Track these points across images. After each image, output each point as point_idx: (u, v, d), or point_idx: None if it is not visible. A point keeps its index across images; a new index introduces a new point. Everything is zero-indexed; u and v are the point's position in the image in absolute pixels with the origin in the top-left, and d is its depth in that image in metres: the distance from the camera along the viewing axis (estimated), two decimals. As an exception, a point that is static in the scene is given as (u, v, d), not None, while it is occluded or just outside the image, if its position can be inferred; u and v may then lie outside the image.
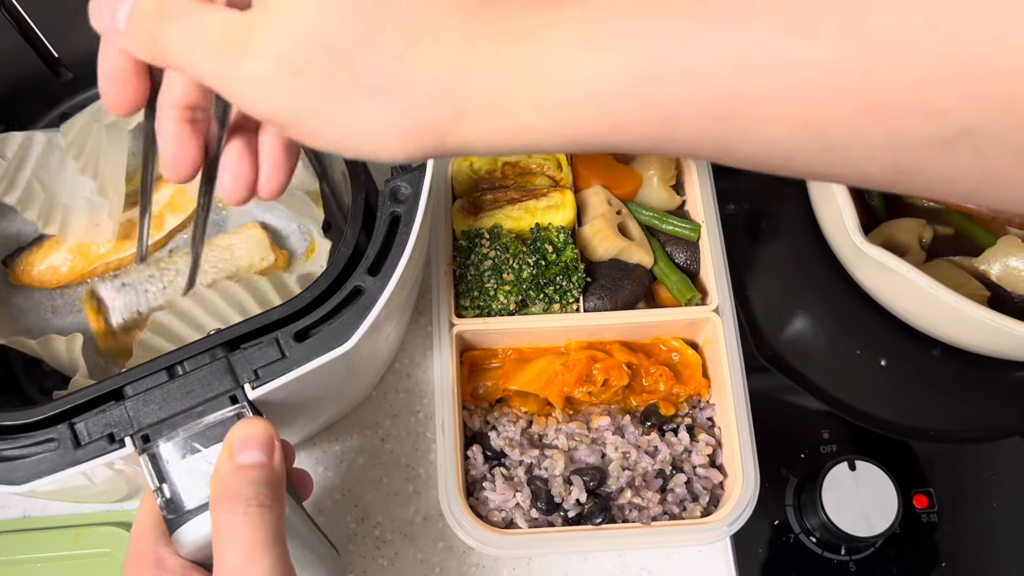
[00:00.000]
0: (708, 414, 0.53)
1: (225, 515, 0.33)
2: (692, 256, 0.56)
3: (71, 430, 0.37)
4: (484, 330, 0.52)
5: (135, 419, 0.37)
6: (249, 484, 0.34)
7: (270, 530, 0.33)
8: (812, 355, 0.59)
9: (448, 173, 0.56)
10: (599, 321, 0.52)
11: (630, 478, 0.50)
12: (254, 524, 0.33)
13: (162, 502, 0.36)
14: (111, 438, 0.37)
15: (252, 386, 0.38)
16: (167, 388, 0.37)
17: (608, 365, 0.52)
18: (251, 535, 0.33)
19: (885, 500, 0.49)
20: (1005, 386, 0.59)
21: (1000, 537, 0.54)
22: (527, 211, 0.54)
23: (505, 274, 0.51)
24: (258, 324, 0.39)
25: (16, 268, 0.54)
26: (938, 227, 0.58)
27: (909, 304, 0.55)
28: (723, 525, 0.47)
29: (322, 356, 0.38)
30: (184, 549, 0.36)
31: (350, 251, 0.41)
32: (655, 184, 0.57)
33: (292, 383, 0.39)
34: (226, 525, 0.33)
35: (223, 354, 0.38)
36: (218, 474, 0.35)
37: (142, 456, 0.36)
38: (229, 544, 0.33)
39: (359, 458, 0.56)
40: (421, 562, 0.53)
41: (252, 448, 0.35)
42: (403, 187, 0.42)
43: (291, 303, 0.40)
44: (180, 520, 0.36)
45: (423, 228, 0.43)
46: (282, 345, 0.38)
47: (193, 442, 0.37)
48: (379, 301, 0.39)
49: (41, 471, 0.36)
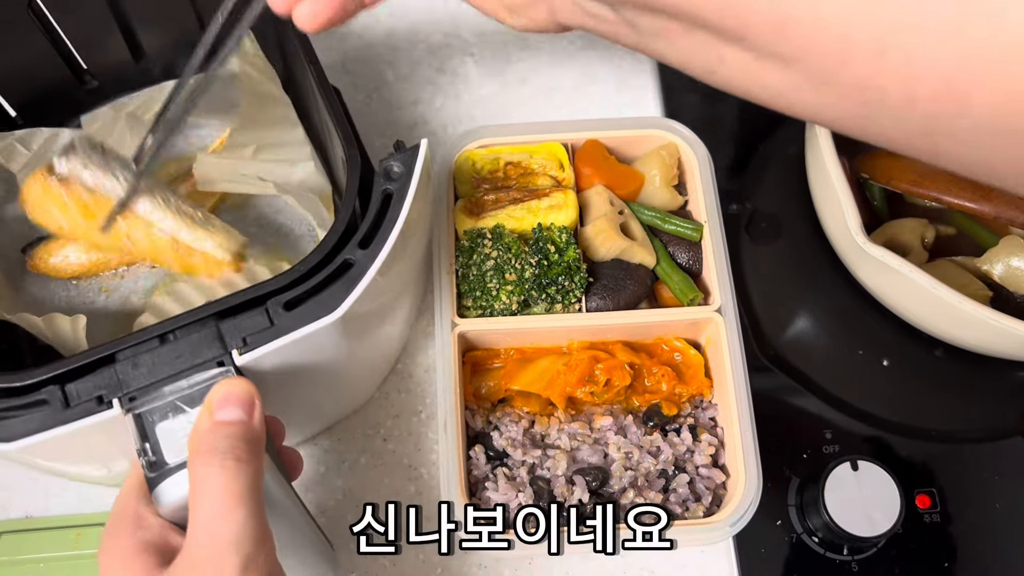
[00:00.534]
0: (710, 414, 0.53)
1: (201, 468, 0.34)
2: (694, 256, 0.56)
3: (62, 392, 0.38)
4: (486, 330, 0.52)
5: (124, 382, 0.38)
6: (226, 438, 0.34)
7: (245, 484, 0.34)
8: (814, 355, 0.59)
9: (450, 173, 0.56)
10: (601, 321, 0.52)
11: (633, 478, 0.50)
12: (229, 476, 0.33)
13: (144, 462, 0.36)
14: (100, 400, 0.37)
15: (240, 352, 0.39)
16: (157, 353, 0.38)
17: (610, 365, 0.52)
18: (226, 487, 0.33)
19: (888, 500, 0.49)
20: (1008, 386, 0.59)
21: (1003, 537, 0.54)
22: (529, 211, 0.54)
23: (507, 274, 0.51)
24: (250, 295, 0.40)
25: (34, 257, 0.56)
26: (940, 227, 0.58)
27: (911, 304, 0.55)
28: (726, 525, 0.47)
29: (310, 325, 0.39)
30: (163, 507, 0.36)
31: (343, 227, 0.42)
32: (657, 184, 0.57)
33: (281, 353, 0.39)
34: (201, 478, 0.34)
35: (213, 322, 0.39)
36: (197, 429, 0.35)
37: (127, 416, 0.37)
38: (204, 496, 0.34)
39: (361, 458, 0.56)
40: (423, 562, 0.53)
41: (231, 405, 0.36)
42: (396, 166, 0.43)
43: (282, 276, 0.41)
44: (160, 478, 0.36)
45: (418, 209, 0.43)
46: (271, 314, 0.39)
47: (179, 403, 0.37)
48: (368, 273, 0.40)
49: (30, 430, 0.37)
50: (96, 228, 0.49)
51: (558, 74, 0.69)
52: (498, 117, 0.67)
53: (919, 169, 0.57)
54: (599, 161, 0.57)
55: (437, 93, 0.68)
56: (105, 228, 0.49)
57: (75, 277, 0.57)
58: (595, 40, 0.71)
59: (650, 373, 0.53)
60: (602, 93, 0.68)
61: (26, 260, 0.56)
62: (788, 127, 0.67)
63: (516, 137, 0.58)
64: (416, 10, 0.72)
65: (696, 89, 0.70)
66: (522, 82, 0.69)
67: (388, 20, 0.71)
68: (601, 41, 0.71)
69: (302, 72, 0.51)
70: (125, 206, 0.49)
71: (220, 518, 0.33)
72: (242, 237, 0.52)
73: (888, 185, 0.58)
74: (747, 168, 0.66)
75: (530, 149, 0.57)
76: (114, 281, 0.57)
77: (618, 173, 0.57)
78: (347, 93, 0.60)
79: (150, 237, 0.50)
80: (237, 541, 0.33)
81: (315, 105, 0.52)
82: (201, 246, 0.51)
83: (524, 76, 0.69)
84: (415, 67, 0.70)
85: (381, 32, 0.71)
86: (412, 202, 0.42)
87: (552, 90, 0.69)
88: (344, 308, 0.39)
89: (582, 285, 0.52)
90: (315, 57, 0.49)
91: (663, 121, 0.59)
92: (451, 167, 0.57)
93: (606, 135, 0.58)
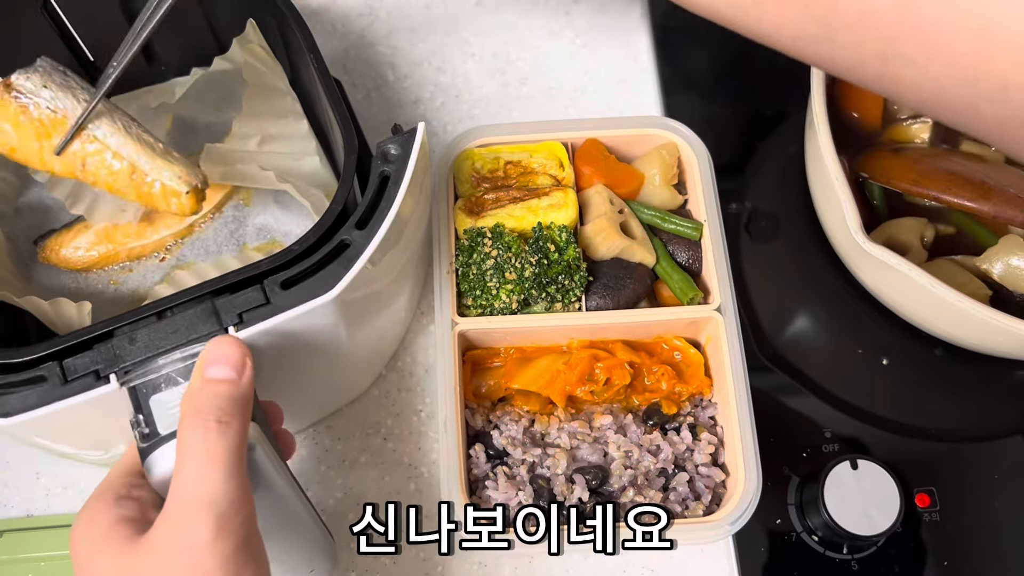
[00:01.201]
0: (710, 413, 0.53)
1: (187, 431, 0.35)
2: (694, 255, 0.56)
3: (60, 368, 0.38)
4: (486, 329, 0.52)
5: (121, 357, 0.38)
6: (213, 398, 0.35)
7: (225, 446, 0.34)
8: (814, 354, 0.59)
9: (450, 172, 0.57)
10: (601, 320, 0.52)
11: (632, 477, 0.50)
12: (211, 438, 0.34)
13: (138, 433, 0.37)
14: (97, 375, 0.38)
15: (236, 329, 0.39)
16: (154, 329, 0.39)
17: (610, 364, 0.52)
18: (207, 449, 0.34)
19: (887, 499, 0.49)
20: (1007, 385, 0.59)
21: (1002, 536, 0.54)
22: (529, 210, 0.54)
23: (507, 273, 0.51)
24: (247, 274, 0.40)
25: (45, 248, 0.57)
26: (940, 226, 0.58)
27: (911, 303, 0.55)
28: (725, 524, 0.47)
29: (306, 303, 0.40)
30: (155, 477, 0.36)
31: (340, 207, 0.43)
32: (657, 183, 0.57)
33: (277, 332, 0.40)
34: (187, 440, 0.34)
35: (210, 299, 0.40)
36: (189, 391, 0.36)
37: (123, 388, 0.38)
38: (186, 458, 0.34)
39: (361, 457, 0.56)
40: (423, 560, 0.53)
41: (222, 363, 0.37)
42: (393, 148, 0.44)
43: (279, 255, 0.41)
44: (152, 448, 0.36)
45: (416, 193, 0.44)
46: (268, 292, 0.40)
47: (173, 375, 0.38)
48: (364, 253, 0.40)
49: (28, 405, 0.37)
50: (51, 151, 0.48)
51: (558, 74, 0.69)
52: (498, 116, 0.68)
53: (919, 168, 0.57)
54: (599, 160, 0.57)
55: (437, 93, 0.69)
56: (60, 151, 0.48)
57: (85, 269, 0.58)
58: (595, 40, 0.71)
59: (650, 372, 0.53)
60: (602, 92, 0.68)
61: (37, 251, 0.57)
62: (787, 126, 0.67)
63: (516, 136, 0.58)
64: (416, 10, 0.72)
65: (696, 89, 0.70)
66: (522, 82, 0.69)
67: (388, 20, 0.72)
68: (601, 41, 0.71)
69: (305, 66, 0.51)
70: (81, 126, 0.47)
71: (198, 478, 0.34)
72: (203, 172, 0.51)
73: (888, 184, 0.58)
74: (747, 167, 0.66)
75: (530, 148, 0.57)
76: (123, 274, 0.58)
77: (618, 172, 0.57)
78: (348, 92, 0.60)
79: (105, 164, 0.48)
80: (211, 500, 0.33)
81: (318, 97, 0.52)
82: (159, 176, 0.49)
83: (524, 76, 0.69)
84: (415, 67, 0.70)
85: (381, 32, 0.71)
86: (409, 184, 0.42)
87: (552, 90, 0.69)
88: (340, 287, 0.40)
89: (582, 284, 0.52)
90: (315, 45, 0.49)
91: (663, 120, 0.59)
92: (451, 166, 0.57)
93: (606, 134, 0.58)
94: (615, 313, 0.53)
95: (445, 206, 0.55)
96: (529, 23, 0.72)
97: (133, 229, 0.57)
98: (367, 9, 0.72)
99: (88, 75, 0.60)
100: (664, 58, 0.69)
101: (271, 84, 0.57)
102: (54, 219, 0.59)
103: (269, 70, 0.56)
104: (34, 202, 0.59)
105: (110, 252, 0.57)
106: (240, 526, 0.34)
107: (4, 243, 0.56)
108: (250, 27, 0.55)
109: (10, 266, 0.56)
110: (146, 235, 0.58)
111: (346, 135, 0.46)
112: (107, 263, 0.58)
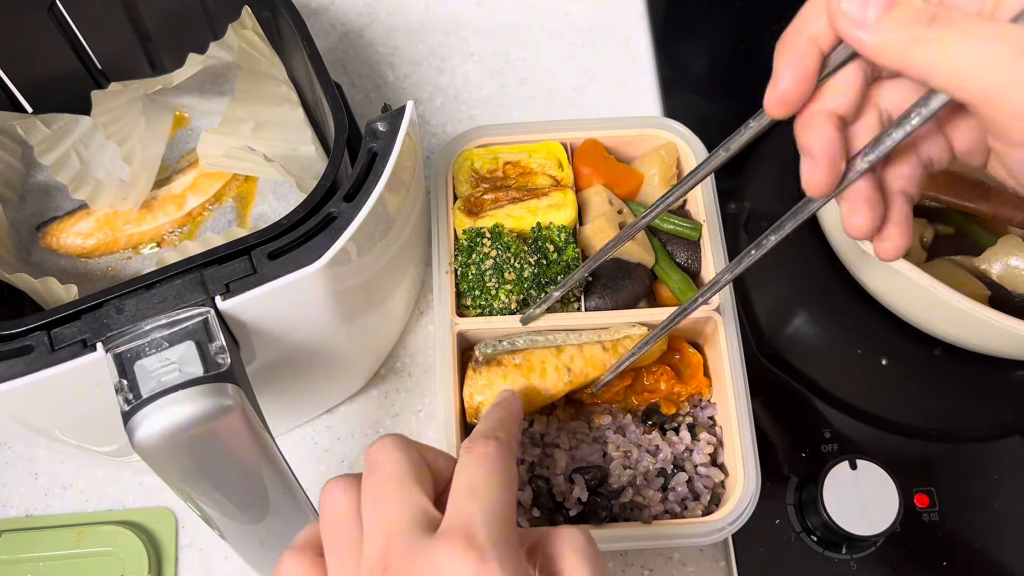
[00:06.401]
0: (709, 413, 0.53)
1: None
2: (693, 255, 0.56)
3: (48, 337, 0.38)
4: (485, 329, 0.52)
5: (108, 326, 0.38)
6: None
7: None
8: (813, 354, 0.60)
9: (449, 172, 0.57)
10: (600, 320, 0.52)
11: (631, 477, 0.50)
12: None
13: (121, 398, 0.37)
14: (84, 343, 0.38)
15: (223, 298, 0.39)
16: (142, 299, 0.39)
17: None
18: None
19: (886, 499, 0.49)
20: (1006, 385, 0.59)
21: (1001, 536, 0.54)
22: (528, 210, 0.54)
23: (506, 273, 0.51)
24: (235, 247, 0.41)
25: (47, 234, 0.59)
26: (939, 226, 0.58)
27: (910, 303, 0.55)
28: (724, 524, 0.47)
29: (292, 273, 0.40)
30: (136, 438, 0.36)
31: (328, 183, 0.43)
32: (656, 183, 0.57)
33: (265, 304, 0.40)
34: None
35: (198, 270, 0.40)
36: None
37: (108, 354, 0.38)
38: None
39: (361, 456, 0.56)
40: (423, 561, 0.53)
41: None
42: (381, 125, 0.44)
43: (268, 228, 0.41)
44: (135, 409, 0.36)
45: (407, 170, 0.45)
46: (255, 262, 0.40)
47: (159, 340, 0.38)
48: (351, 225, 0.41)
49: (15, 373, 0.37)
50: None
51: (558, 74, 0.69)
52: (498, 117, 0.68)
53: (918, 168, 0.57)
54: (598, 160, 0.57)
55: (436, 93, 0.69)
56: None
57: (85, 255, 0.59)
58: (595, 40, 0.71)
59: (649, 372, 0.53)
60: (602, 93, 0.68)
61: (39, 237, 0.59)
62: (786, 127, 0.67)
63: (515, 136, 0.58)
64: (416, 10, 0.72)
65: (695, 89, 0.70)
66: (522, 82, 0.69)
67: (388, 20, 0.72)
68: (601, 41, 0.71)
69: (299, 53, 0.52)
70: None
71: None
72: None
73: (887, 184, 0.58)
74: (745, 167, 0.66)
75: (529, 148, 0.57)
76: (121, 262, 0.60)
77: (617, 172, 0.57)
78: (347, 92, 0.60)
79: None
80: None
81: (311, 85, 0.52)
82: None
83: (524, 76, 0.69)
84: (415, 67, 0.70)
85: (381, 32, 0.71)
86: (397, 160, 0.43)
87: (552, 90, 0.69)
88: (326, 258, 0.40)
89: (581, 284, 0.52)
90: (307, 32, 0.50)
91: (662, 120, 0.59)
92: (450, 166, 0.57)
93: (605, 134, 0.58)
94: (614, 313, 0.53)
95: (444, 206, 0.55)
96: (529, 23, 0.72)
97: (133, 216, 0.59)
98: (367, 9, 0.72)
99: (94, 80, 0.61)
100: (664, 58, 0.69)
101: (266, 71, 0.57)
102: (57, 207, 0.61)
103: (264, 58, 0.57)
104: (39, 187, 0.61)
105: (109, 239, 0.59)
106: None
107: (7, 227, 0.58)
108: (245, 13, 0.55)
109: (12, 250, 0.57)
110: (146, 221, 0.59)
111: (336, 115, 0.46)
112: (106, 250, 0.59)
